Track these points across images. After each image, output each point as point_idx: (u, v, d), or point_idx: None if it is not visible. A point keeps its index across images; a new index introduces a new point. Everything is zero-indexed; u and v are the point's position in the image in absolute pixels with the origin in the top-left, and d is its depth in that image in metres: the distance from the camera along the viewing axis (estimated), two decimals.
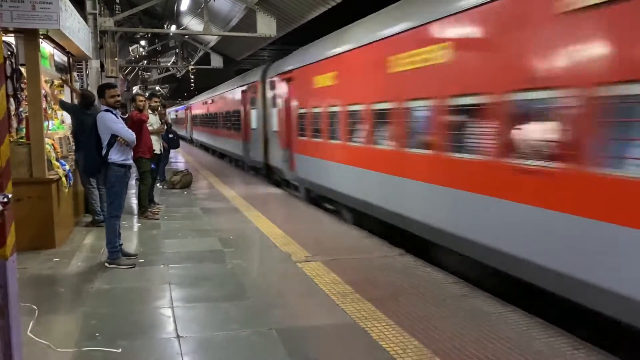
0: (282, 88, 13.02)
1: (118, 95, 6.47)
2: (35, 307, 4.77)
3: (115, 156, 6.21)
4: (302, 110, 11.51)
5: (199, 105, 32.46)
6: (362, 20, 9.18)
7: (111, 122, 6.18)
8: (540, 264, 4.73)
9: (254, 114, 16.10)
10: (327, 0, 13.85)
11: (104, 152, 6.17)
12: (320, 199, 10.94)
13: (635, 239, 3.79)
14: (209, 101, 26.85)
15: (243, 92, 17.61)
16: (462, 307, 4.93)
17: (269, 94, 14.26)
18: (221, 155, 25.18)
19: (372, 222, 8.37)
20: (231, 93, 20.32)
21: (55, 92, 9.11)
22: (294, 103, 12.07)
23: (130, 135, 6.30)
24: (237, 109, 18.75)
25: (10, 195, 2.86)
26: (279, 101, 13.25)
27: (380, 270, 6.14)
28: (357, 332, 4.39)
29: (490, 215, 5.41)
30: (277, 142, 13.53)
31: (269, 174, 15.10)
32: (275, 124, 13.69)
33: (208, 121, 27.50)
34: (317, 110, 10.52)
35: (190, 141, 37.78)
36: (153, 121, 10.00)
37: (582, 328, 4.56)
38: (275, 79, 13.69)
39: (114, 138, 6.17)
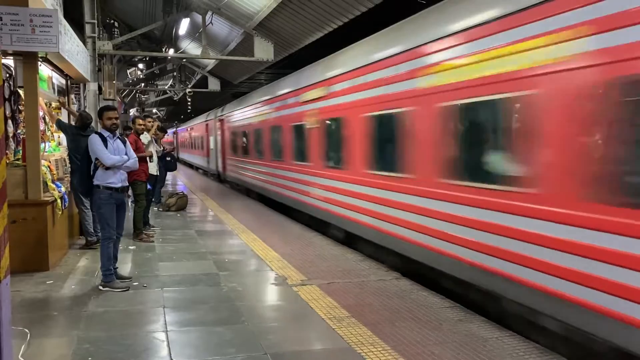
0: None
1: (116, 118, 6.52)
2: (27, 330, 4.71)
3: (99, 178, 6.23)
4: None
5: (261, 110, 14.60)
6: None
7: (94, 145, 6.22)
8: None
9: None
10: (322, 26, 14.05)
11: (92, 173, 6.21)
12: None
13: None
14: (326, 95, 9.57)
15: None
16: (459, 331, 4.90)
17: None
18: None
19: None
20: None
21: (54, 114, 9.14)
22: None
23: (108, 159, 6.19)
24: None
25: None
26: None
27: (376, 294, 6.10)
28: (353, 357, 4.34)
29: None
30: None
31: None
32: None
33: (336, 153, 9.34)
34: None
35: (218, 178, 22.79)
36: (145, 140, 10.02)
37: (581, 353, 4.51)
38: None
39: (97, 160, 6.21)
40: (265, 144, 14.19)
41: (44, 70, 8.41)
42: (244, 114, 17.15)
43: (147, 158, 9.54)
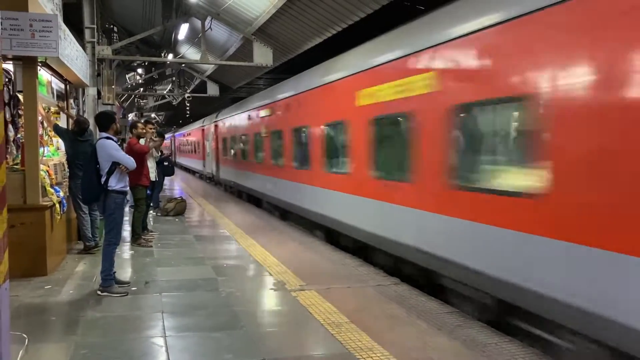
0: None
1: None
2: (25, 335, 4.69)
3: (114, 183, 6.25)
4: None
5: None
6: None
7: (113, 150, 6.25)
8: None
9: None
10: (322, 32, 14.10)
11: (103, 179, 6.19)
12: None
13: None
14: None
15: None
16: (458, 337, 4.90)
17: None
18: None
19: None
20: None
21: (52, 118, 9.14)
22: None
23: (132, 162, 6.39)
24: None
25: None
26: None
27: (375, 299, 6.10)
28: None
29: None
30: None
31: None
32: None
33: None
34: None
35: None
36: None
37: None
38: None
39: (114, 165, 6.20)
40: None
41: (44, 74, 8.42)
42: None
43: (147, 162, 9.53)
